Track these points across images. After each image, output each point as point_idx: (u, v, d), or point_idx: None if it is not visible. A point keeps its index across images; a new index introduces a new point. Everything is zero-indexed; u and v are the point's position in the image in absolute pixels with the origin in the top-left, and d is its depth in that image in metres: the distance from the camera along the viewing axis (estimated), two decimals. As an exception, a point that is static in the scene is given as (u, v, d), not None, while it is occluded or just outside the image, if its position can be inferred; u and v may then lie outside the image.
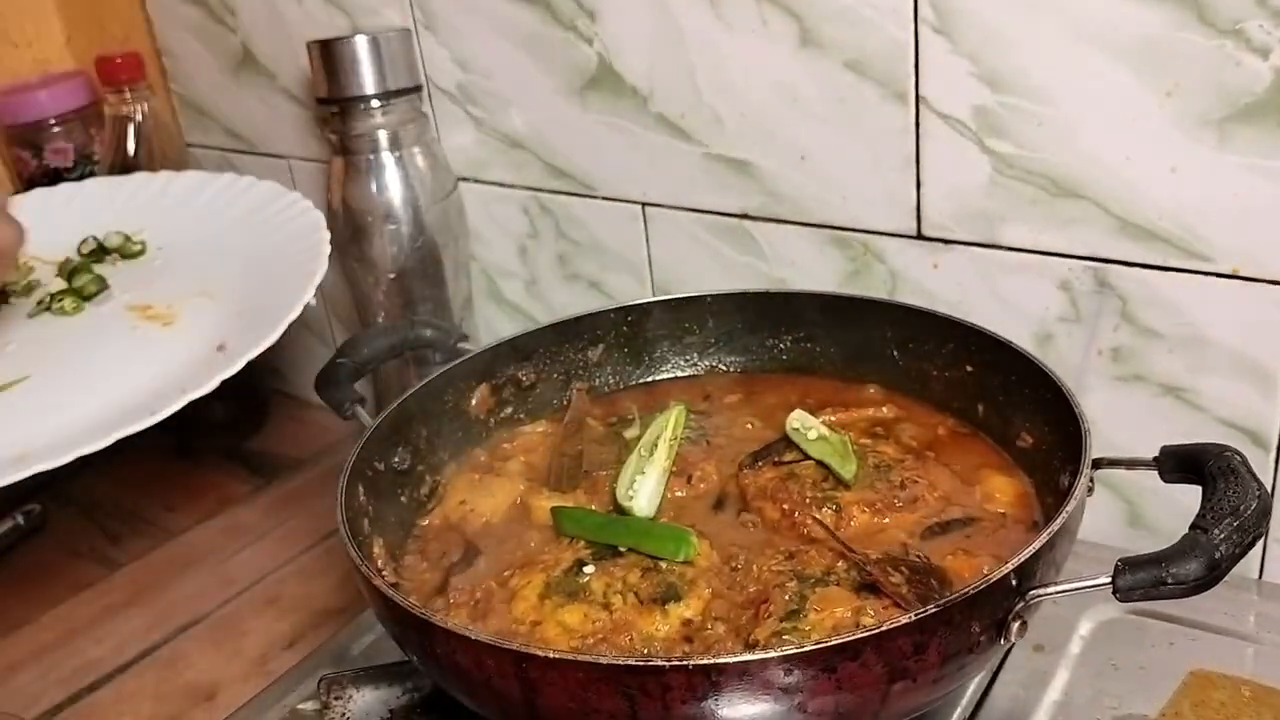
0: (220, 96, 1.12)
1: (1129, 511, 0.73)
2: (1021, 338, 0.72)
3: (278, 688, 0.64)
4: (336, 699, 0.58)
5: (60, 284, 0.80)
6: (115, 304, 0.79)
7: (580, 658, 0.44)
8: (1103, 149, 0.66)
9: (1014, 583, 0.46)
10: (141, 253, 0.85)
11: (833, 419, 0.66)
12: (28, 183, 1.21)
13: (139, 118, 1.06)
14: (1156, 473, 0.53)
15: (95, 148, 1.21)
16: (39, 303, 0.79)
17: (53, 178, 1.20)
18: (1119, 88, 0.64)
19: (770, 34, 0.75)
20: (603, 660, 0.44)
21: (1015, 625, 0.47)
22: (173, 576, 0.95)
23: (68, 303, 0.78)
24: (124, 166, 1.07)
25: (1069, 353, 0.72)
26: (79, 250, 0.84)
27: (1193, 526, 0.45)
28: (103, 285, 0.79)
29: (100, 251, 0.85)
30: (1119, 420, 0.72)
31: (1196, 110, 0.62)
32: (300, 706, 0.62)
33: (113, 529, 1.04)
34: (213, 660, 0.83)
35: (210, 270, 0.79)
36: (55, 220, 0.87)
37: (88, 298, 0.79)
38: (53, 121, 1.19)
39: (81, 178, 1.20)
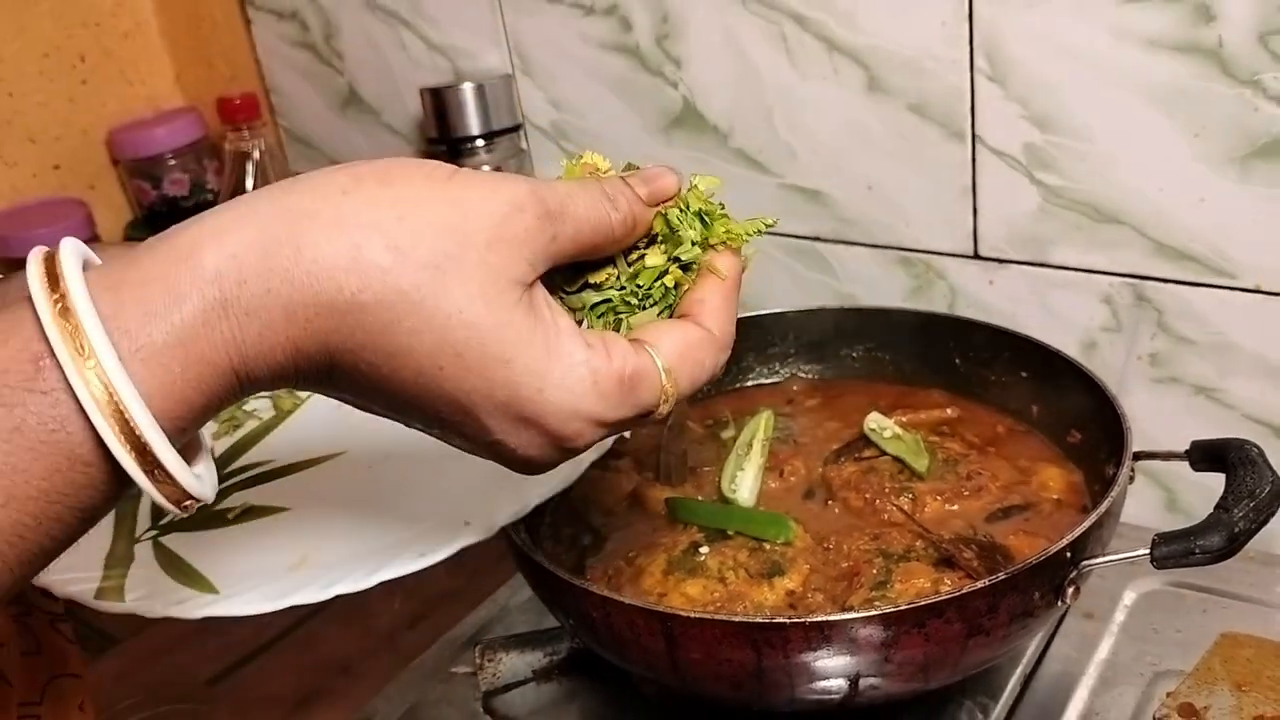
0: (326, 131, 1.23)
1: (1167, 498, 0.82)
2: (1069, 345, 0.81)
3: (428, 655, 0.74)
4: (490, 661, 0.69)
5: None
6: None
7: (717, 616, 0.54)
8: (1139, 181, 0.75)
9: (1069, 555, 0.56)
10: None
11: (904, 419, 0.75)
12: (148, 210, 1.33)
13: (255, 154, 1.17)
14: (1187, 463, 0.62)
15: (208, 178, 1.32)
16: None
17: (170, 206, 1.31)
18: (1153, 128, 0.73)
19: (840, 80, 0.84)
20: (736, 619, 0.54)
21: (1070, 590, 0.56)
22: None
23: None
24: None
25: (1111, 359, 0.81)
26: None
27: (1216, 507, 0.55)
28: None
29: None
30: (1157, 417, 0.81)
31: (1221, 148, 0.71)
32: (455, 670, 0.72)
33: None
34: (345, 639, 0.94)
35: None
36: None
37: None
38: (169, 155, 1.30)
39: (197, 206, 1.32)
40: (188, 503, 0.38)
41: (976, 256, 0.84)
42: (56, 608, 0.63)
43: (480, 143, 0.99)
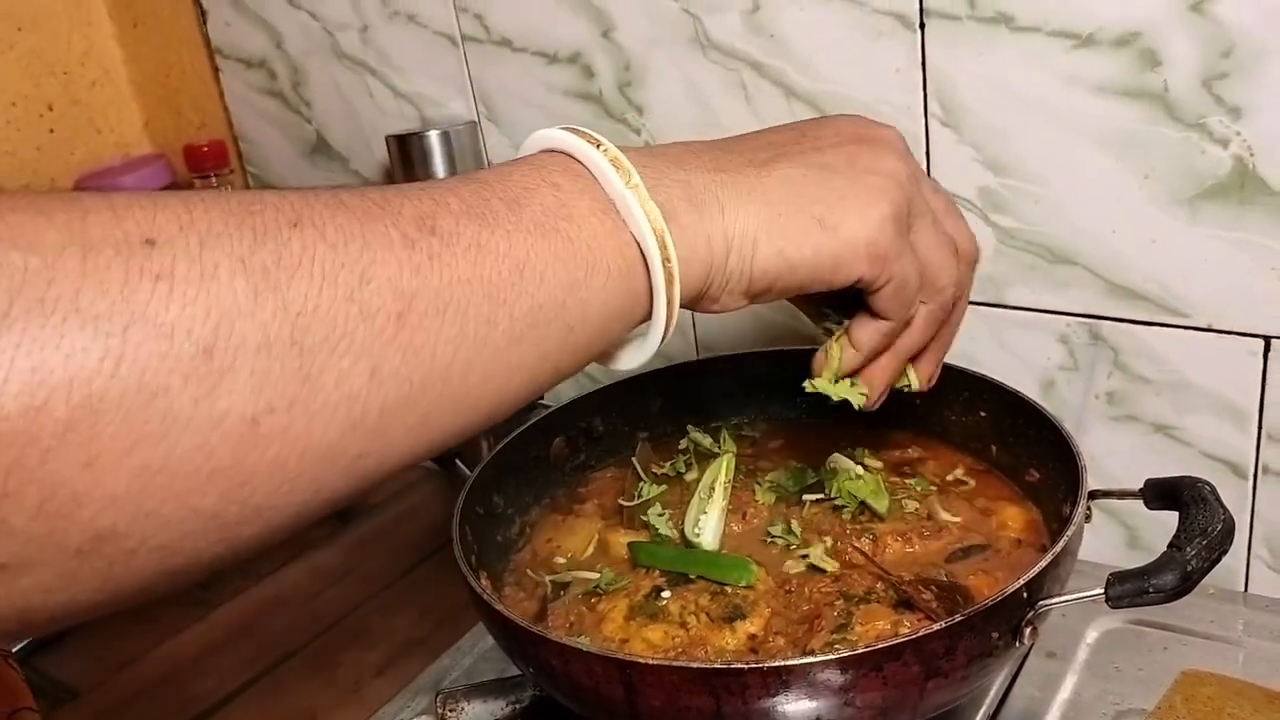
0: (294, 177, 1.23)
1: (1128, 535, 0.83)
2: (1027, 385, 0.82)
3: (390, 707, 0.74)
4: (451, 711, 0.68)
5: None
6: None
7: (675, 663, 0.54)
8: (1092, 223, 0.76)
9: (1025, 595, 0.56)
10: None
11: (865, 460, 0.76)
12: (115, 258, 1.32)
13: (224, 200, 1.17)
14: (1142, 501, 0.63)
15: (176, 225, 1.32)
16: None
17: (138, 253, 1.31)
18: (1103, 172, 0.74)
19: (799, 125, 0.86)
20: (694, 665, 0.54)
21: (1027, 631, 0.56)
22: (264, 615, 1.05)
23: None
24: (209, 243, 1.18)
25: (1069, 397, 0.82)
26: None
27: (1170, 545, 0.55)
28: None
29: None
30: (1115, 455, 0.81)
31: (1171, 190, 0.73)
32: (416, 719, 0.71)
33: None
34: (310, 689, 0.93)
35: None
36: None
37: None
38: (137, 202, 1.30)
39: (165, 252, 1.32)
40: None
41: (936, 297, 0.85)
42: (7, 646, 0.62)
43: (446, 189, 1.00)
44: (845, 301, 0.59)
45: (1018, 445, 0.74)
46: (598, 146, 0.48)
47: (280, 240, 0.36)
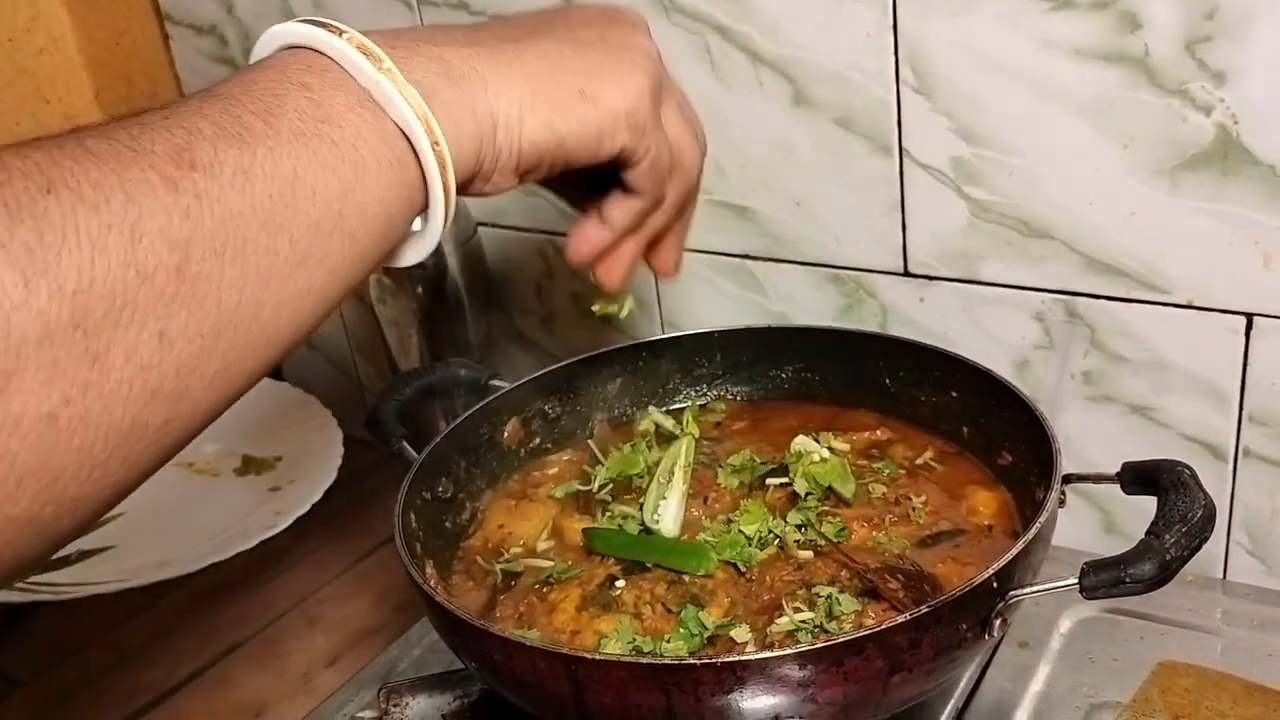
0: (248, 149, 1.19)
1: (1104, 520, 0.80)
2: (1001, 364, 0.79)
3: (334, 700, 0.70)
4: (395, 706, 0.65)
5: None
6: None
7: (623, 658, 0.51)
8: (1068, 195, 0.73)
9: (995, 585, 0.53)
10: None
11: (833, 443, 0.73)
12: (63, 232, 1.28)
13: (173, 171, 1.13)
14: (1119, 486, 0.60)
15: (127, 198, 1.28)
16: None
17: (87, 227, 1.27)
18: (1081, 141, 0.71)
19: (766, 94, 0.82)
20: (643, 660, 0.51)
21: (997, 622, 0.53)
22: (214, 603, 1.02)
23: None
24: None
25: (1045, 377, 0.79)
26: None
27: (1147, 533, 0.52)
28: None
29: None
30: (1092, 437, 0.79)
31: (1151, 161, 0.70)
32: (359, 715, 0.68)
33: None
34: (260, 679, 0.89)
35: (227, 432, 0.93)
36: None
37: None
38: (85, 174, 1.26)
39: (114, 227, 1.27)
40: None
41: (907, 274, 0.82)
42: None
43: (401, 159, 0.96)
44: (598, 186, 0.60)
45: (990, 427, 0.71)
46: (340, 35, 0.45)
47: (37, 213, 0.33)
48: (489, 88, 0.48)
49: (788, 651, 0.50)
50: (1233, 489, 0.75)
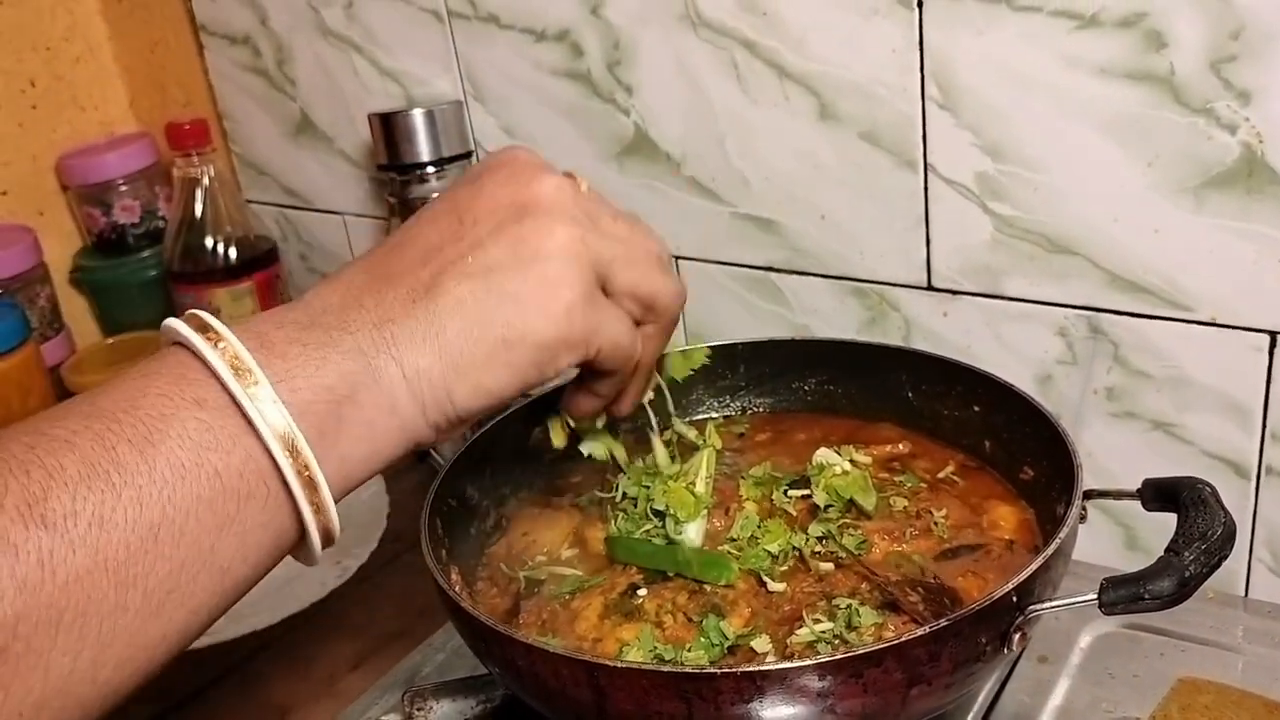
0: (279, 157, 1.21)
1: (1126, 535, 0.80)
2: (1023, 379, 0.79)
3: (359, 704, 0.71)
4: (419, 710, 0.65)
5: None
6: None
7: (645, 666, 0.52)
8: (1092, 211, 0.74)
9: (1014, 600, 0.53)
10: None
11: (854, 455, 0.73)
12: (97, 238, 1.30)
13: (205, 180, 1.15)
14: (1139, 502, 0.60)
15: (160, 204, 1.30)
16: None
17: (120, 234, 1.29)
18: (1105, 158, 0.72)
19: (791, 108, 0.83)
20: (664, 669, 0.51)
21: (1016, 636, 0.54)
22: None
23: None
24: (190, 224, 1.15)
25: (1067, 392, 0.79)
26: None
27: (1167, 550, 0.52)
28: None
29: None
30: (1114, 453, 0.79)
31: (1175, 178, 0.70)
32: (383, 718, 0.69)
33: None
34: (286, 682, 0.90)
35: None
36: None
37: None
38: (120, 181, 1.28)
39: (147, 233, 1.29)
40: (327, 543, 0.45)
41: (930, 288, 0.83)
42: None
43: (430, 169, 0.97)
44: None
45: (1012, 442, 0.71)
46: (216, 344, 0.42)
47: None
48: (406, 370, 0.46)
49: (807, 663, 0.50)
50: (1255, 506, 0.75)
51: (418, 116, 0.96)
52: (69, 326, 1.29)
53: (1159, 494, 0.59)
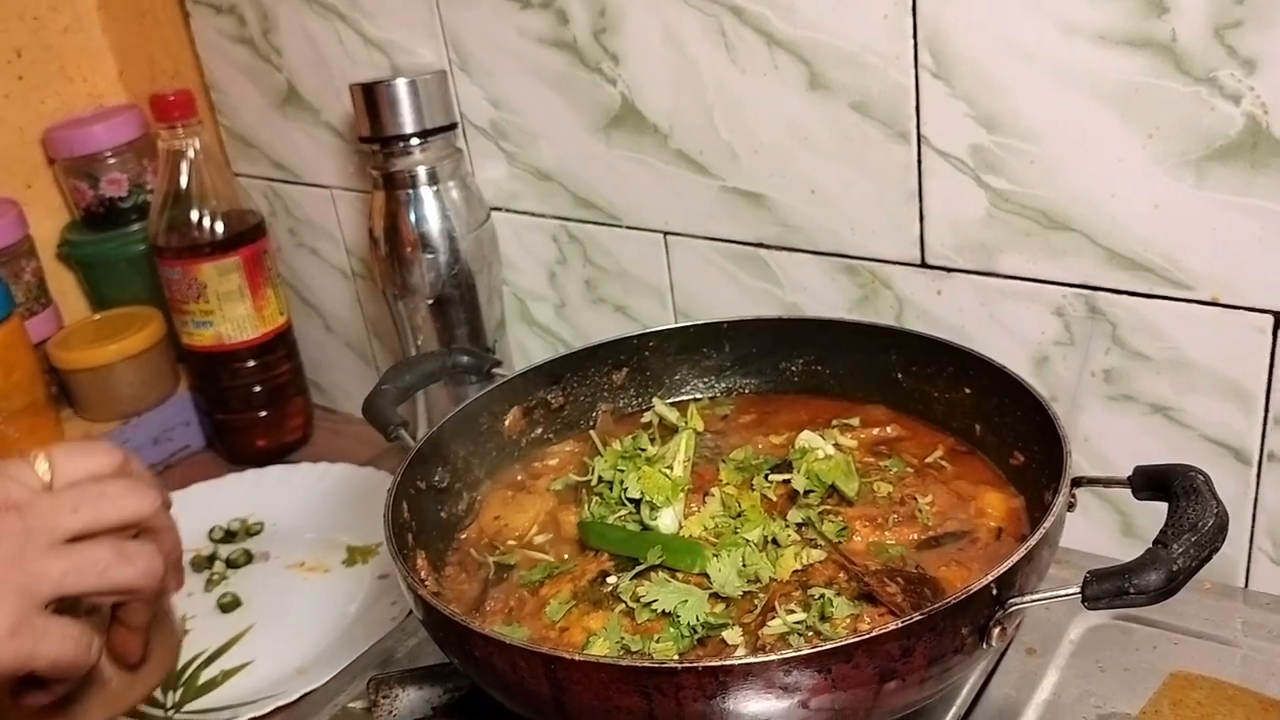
0: (266, 130, 1.18)
1: (1122, 523, 0.78)
2: (1019, 360, 0.76)
3: (328, 688, 0.69)
4: (384, 698, 0.64)
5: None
6: (275, 565, 0.99)
7: (602, 659, 0.49)
8: (1090, 186, 0.71)
9: (994, 592, 0.51)
10: (261, 530, 1.04)
11: (839, 439, 0.71)
12: (85, 211, 1.28)
13: (190, 153, 1.12)
14: (1130, 490, 0.58)
15: (148, 177, 1.27)
16: (209, 580, 0.98)
17: (108, 207, 1.27)
18: (1104, 129, 0.69)
19: (781, 77, 0.80)
20: (622, 662, 0.49)
21: (996, 631, 0.51)
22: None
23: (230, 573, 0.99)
24: (176, 197, 1.13)
25: (1064, 374, 0.77)
26: (209, 537, 1.04)
27: (1155, 541, 0.50)
28: (249, 557, 1.00)
29: (229, 535, 1.04)
30: (1111, 437, 0.76)
31: (1176, 151, 0.67)
32: (350, 705, 0.67)
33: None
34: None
35: (323, 526, 1.03)
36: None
37: (240, 566, 0.99)
38: (108, 153, 1.25)
39: (135, 207, 1.27)
40: None
41: (924, 265, 0.80)
42: None
43: (414, 141, 0.94)
44: None
45: (1003, 425, 0.68)
46: None
47: None
48: None
49: (772, 658, 0.48)
50: (1256, 494, 0.72)
51: (401, 86, 0.93)
52: (56, 301, 1.27)
53: (1150, 482, 0.56)
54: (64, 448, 0.54)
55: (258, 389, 1.16)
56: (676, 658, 0.55)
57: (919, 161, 0.77)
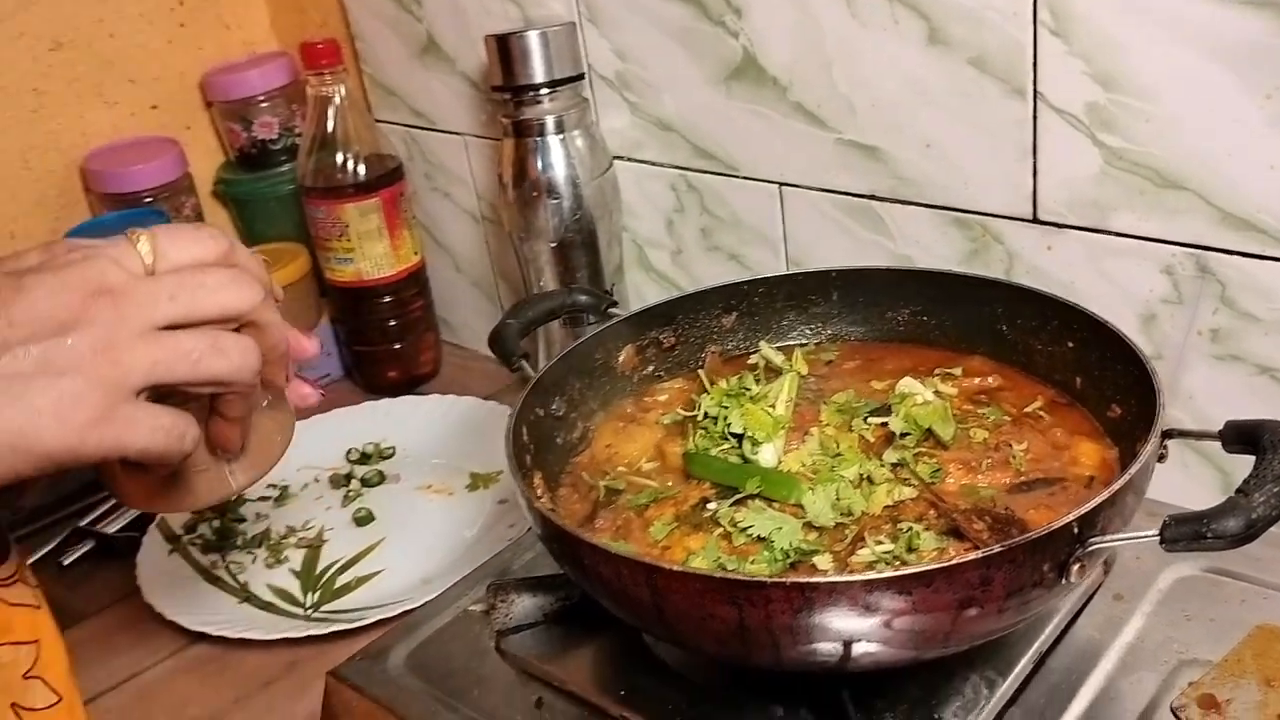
0: (406, 78, 1.24)
1: (1223, 480, 0.78)
2: (1126, 317, 0.77)
3: (450, 593, 0.76)
4: (502, 602, 0.70)
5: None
6: (405, 486, 1.07)
7: (698, 571, 0.54)
8: (1206, 145, 0.71)
9: (1075, 531, 0.53)
10: (392, 454, 1.12)
11: (939, 386, 0.73)
12: (239, 152, 1.37)
13: (336, 99, 1.19)
14: (1220, 443, 0.59)
15: (297, 121, 1.35)
16: (346, 495, 1.07)
17: (260, 149, 1.35)
18: (1221, 89, 0.69)
19: (900, 32, 0.82)
20: (716, 574, 0.54)
21: (1075, 568, 0.54)
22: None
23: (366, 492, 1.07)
24: (323, 140, 1.20)
25: (1171, 332, 0.77)
26: (346, 457, 1.12)
27: (1237, 490, 0.51)
28: (382, 478, 1.09)
29: (364, 456, 1.12)
30: (1216, 397, 0.76)
31: (1294, 111, 0.67)
32: (471, 608, 0.73)
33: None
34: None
35: (449, 453, 1.10)
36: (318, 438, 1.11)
37: (374, 485, 1.08)
38: (261, 98, 1.34)
39: (284, 149, 1.35)
40: None
41: (1035, 220, 0.81)
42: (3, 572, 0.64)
43: (544, 91, 0.99)
44: None
45: (1103, 379, 0.70)
46: None
47: None
48: None
49: (856, 578, 0.51)
50: (1364, 458, 0.72)
51: (533, 38, 0.98)
52: (212, 236, 1.37)
53: (1240, 435, 0.57)
54: (169, 229, 0.52)
55: (392, 323, 1.23)
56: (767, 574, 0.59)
57: (1034, 118, 0.78)
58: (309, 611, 0.92)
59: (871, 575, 0.51)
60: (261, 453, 0.59)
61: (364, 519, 1.02)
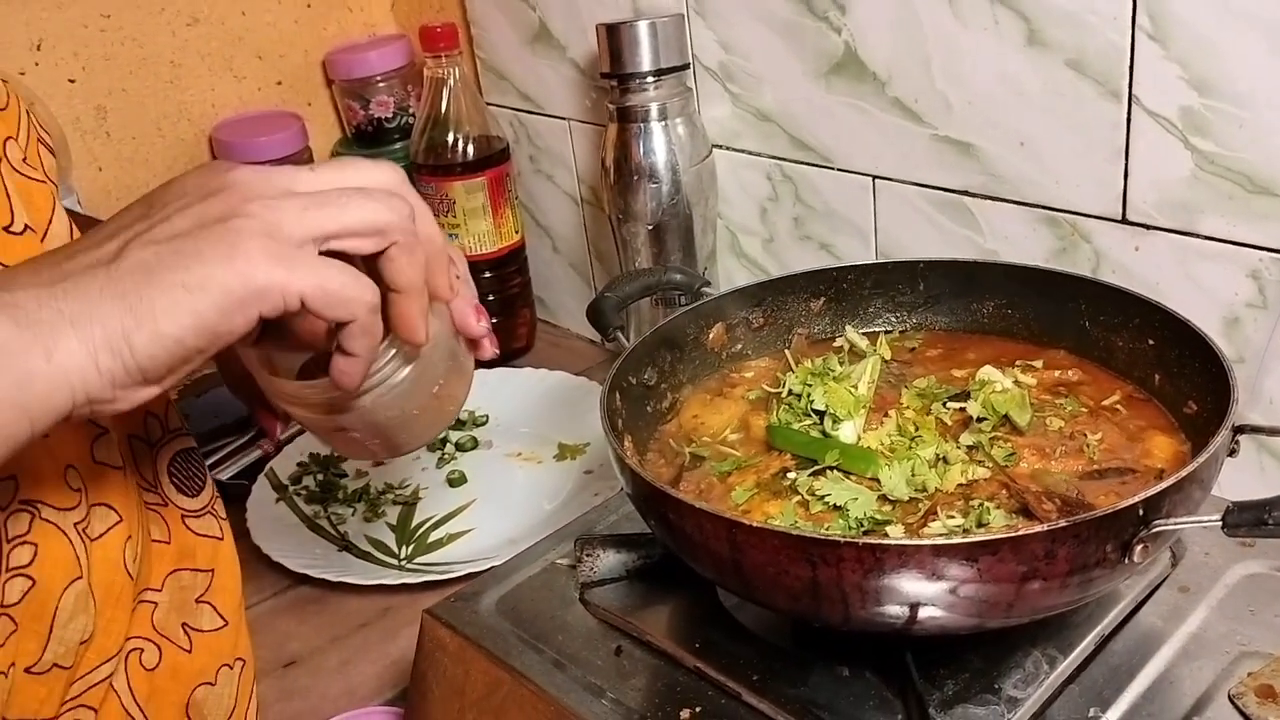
0: (517, 63, 1.30)
1: (1301, 485, 0.79)
2: (1209, 320, 0.78)
3: (537, 548, 0.80)
4: (588, 556, 0.74)
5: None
6: (496, 452, 1.13)
7: (775, 528, 0.57)
8: (1298, 152, 0.72)
9: (1140, 513, 0.56)
10: (486, 421, 1.18)
11: (1019, 376, 0.75)
12: (355, 129, 1.44)
13: (451, 81, 1.25)
14: (1292, 440, 0.61)
15: (411, 101, 1.42)
16: (440, 458, 1.13)
17: (376, 126, 1.42)
18: (1317, 97, 0.70)
19: (1000, 32, 0.84)
20: (792, 531, 0.57)
21: (1139, 548, 0.56)
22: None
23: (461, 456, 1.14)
24: (435, 120, 1.26)
25: (1254, 336, 0.78)
26: None
27: (1303, 481, 0.53)
28: (475, 443, 1.15)
29: (458, 422, 1.16)
30: (1298, 402, 0.78)
31: (1390, 121, 0.68)
32: (558, 562, 0.78)
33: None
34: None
35: (540, 424, 1.16)
36: None
37: (467, 450, 1.14)
38: (379, 78, 1.40)
39: (398, 128, 1.42)
40: None
41: (1124, 221, 0.83)
42: (191, 504, 0.70)
43: (650, 79, 1.03)
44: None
45: (1182, 377, 0.71)
46: None
47: None
48: (77, 326, 0.46)
49: (925, 542, 0.54)
50: None
51: (642, 28, 1.02)
52: (326, 208, 1.44)
53: (1312, 433, 0.59)
54: (335, 161, 0.53)
55: (491, 298, 1.29)
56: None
57: (1128, 120, 0.80)
58: (403, 562, 0.98)
59: (940, 540, 0.54)
60: (449, 396, 0.68)
61: (457, 480, 1.08)
